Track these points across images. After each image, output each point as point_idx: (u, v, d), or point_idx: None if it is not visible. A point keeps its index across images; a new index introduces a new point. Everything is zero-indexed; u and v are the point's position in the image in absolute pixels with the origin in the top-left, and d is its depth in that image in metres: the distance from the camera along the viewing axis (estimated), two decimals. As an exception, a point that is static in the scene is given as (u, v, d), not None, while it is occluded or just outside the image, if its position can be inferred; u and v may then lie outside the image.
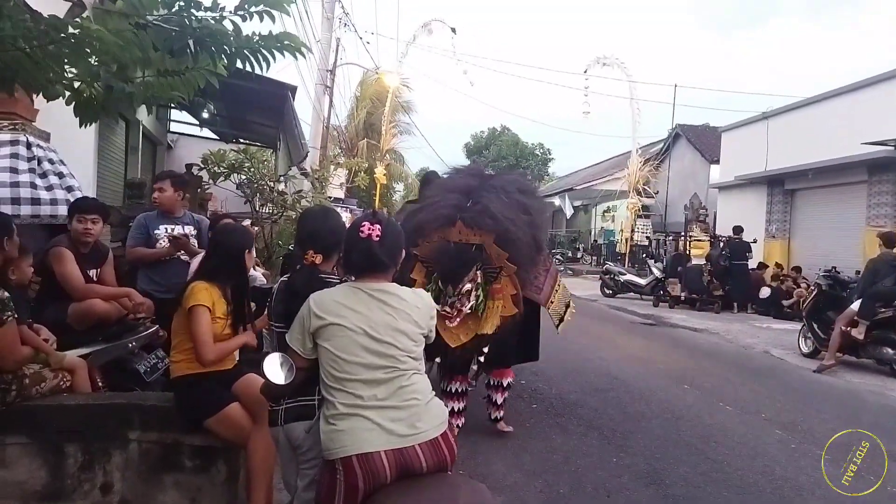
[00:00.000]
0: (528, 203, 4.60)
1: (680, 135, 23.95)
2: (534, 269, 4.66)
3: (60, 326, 3.55)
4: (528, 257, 4.46)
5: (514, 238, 4.32)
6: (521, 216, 4.41)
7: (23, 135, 4.42)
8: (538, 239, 4.65)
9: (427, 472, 2.06)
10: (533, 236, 4.49)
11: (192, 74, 2.53)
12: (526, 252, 4.40)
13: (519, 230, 4.34)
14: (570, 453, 4.52)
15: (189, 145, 13.66)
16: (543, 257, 4.94)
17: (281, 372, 2.13)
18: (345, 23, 16.89)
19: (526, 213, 4.48)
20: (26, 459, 2.99)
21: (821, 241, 14.78)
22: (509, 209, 4.37)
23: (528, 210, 4.52)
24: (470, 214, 4.35)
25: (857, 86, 13.57)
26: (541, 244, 4.77)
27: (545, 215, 5.05)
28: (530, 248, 4.45)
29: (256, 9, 2.52)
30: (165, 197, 4.51)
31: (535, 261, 4.63)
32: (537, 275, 4.74)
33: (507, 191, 4.52)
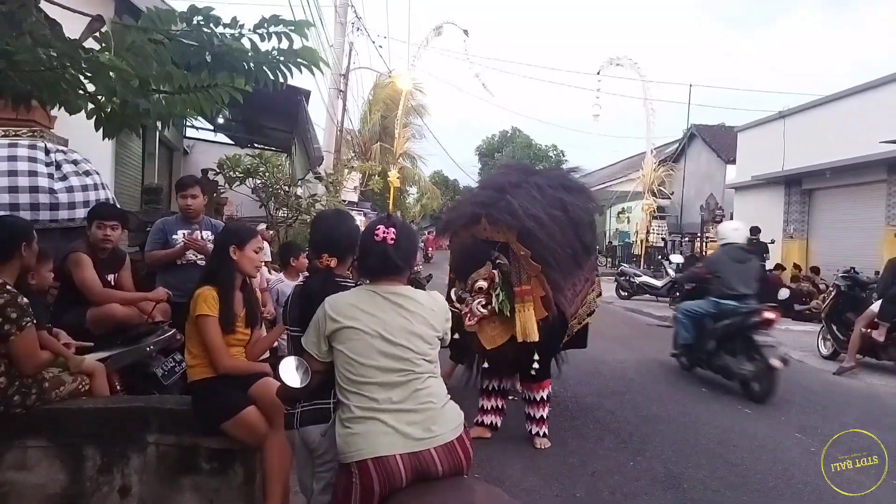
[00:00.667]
0: (569, 200, 4.38)
1: (695, 135, 23.80)
2: (574, 271, 4.40)
3: (79, 331, 3.59)
4: (560, 257, 4.20)
5: (539, 236, 4.11)
6: (555, 213, 4.23)
7: (41, 141, 4.48)
8: (580, 238, 4.40)
9: (443, 475, 2.05)
10: (573, 235, 4.29)
11: (215, 91, 2.54)
12: (554, 251, 4.16)
13: (545, 227, 4.13)
14: (587, 457, 4.49)
15: (205, 150, 13.78)
16: (590, 262, 4.72)
17: (297, 375, 2.14)
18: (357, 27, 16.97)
19: (563, 211, 4.28)
20: (46, 462, 3.03)
21: (839, 241, 14.60)
22: (538, 205, 4.19)
23: (566, 207, 4.31)
24: (494, 211, 4.22)
25: (875, 83, 13.39)
26: (585, 245, 4.51)
27: (590, 215, 4.68)
28: (563, 247, 4.21)
29: (276, 29, 2.54)
30: (198, 203, 4.56)
31: (574, 262, 4.37)
32: (577, 280, 4.49)
33: (541, 187, 4.34)
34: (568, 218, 4.29)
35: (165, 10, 2.59)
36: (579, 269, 4.46)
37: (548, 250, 4.14)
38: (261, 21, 2.58)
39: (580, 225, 4.40)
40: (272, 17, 2.60)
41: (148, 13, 2.57)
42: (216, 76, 2.55)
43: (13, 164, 4.24)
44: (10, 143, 4.33)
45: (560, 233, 4.20)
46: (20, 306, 2.77)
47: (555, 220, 4.21)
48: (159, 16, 2.53)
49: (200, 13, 2.54)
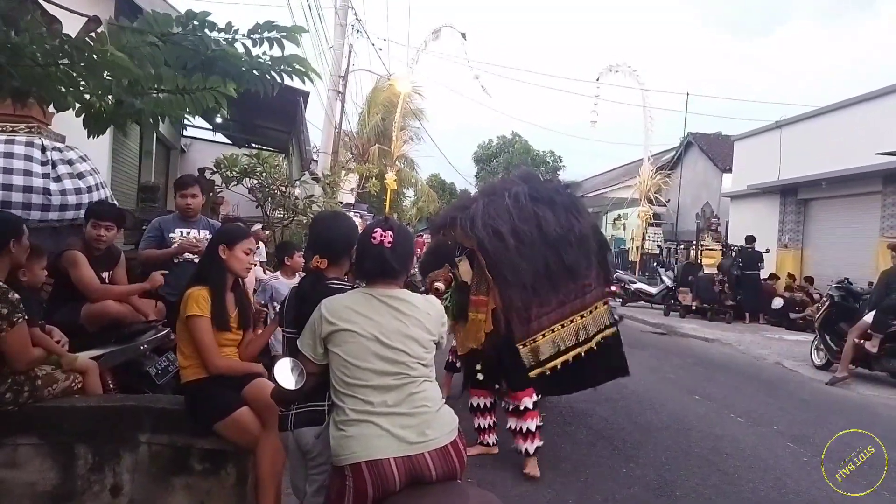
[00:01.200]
0: (545, 216, 4.12)
1: (692, 143, 23.87)
2: (545, 291, 4.11)
3: (73, 328, 3.57)
4: (522, 273, 3.96)
5: (489, 249, 3.95)
6: (523, 227, 4.02)
7: (38, 137, 4.47)
8: (560, 256, 4.10)
9: (436, 480, 2.05)
10: (548, 253, 4.05)
11: (201, 94, 2.56)
12: (514, 266, 3.95)
13: (504, 241, 3.94)
14: (579, 463, 4.49)
15: (202, 149, 13.77)
16: (573, 286, 4.25)
17: (292, 377, 2.13)
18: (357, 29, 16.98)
19: (536, 227, 4.07)
20: (37, 460, 3.01)
21: (834, 251, 14.66)
22: (503, 218, 4.01)
23: (539, 224, 4.08)
24: (465, 216, 4.13)
25: (871, 95, 13.47)
26: (567, 264, 4.13)
27: (575, 232, 4.20)
28: (531, 262, 3.99)
29: (269, 35, 2.55)
30: (198, 202, 4.55)
31: (547, 281, 4.09)
32: (544, 301, 4.12)
33: (519, 199, 4.15)
34: (541, 234, 4.06)
35: (163, 14, 2.61)
36: (554, 289, 4.12)
37: (503, 265, 3.95)
38: (255, 26, 2.60)
39: (560, 243, 4.11)
40: (266, 22, 2.61)
41: (146, 16, 2.58)
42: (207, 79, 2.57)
43: (9, 162, 4.22)
44: (6, 140, 4.32)
45: (527, 249, 3.99)
46: (11, 302, 2.76)
47: (519, 234, 3.99)
48: (156, 19, 2.55)
49: (197, 18, 2.56)
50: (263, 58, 2.64)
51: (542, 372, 4.09)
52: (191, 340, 2.94)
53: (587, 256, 4.26)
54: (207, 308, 2.93)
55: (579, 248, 4.20)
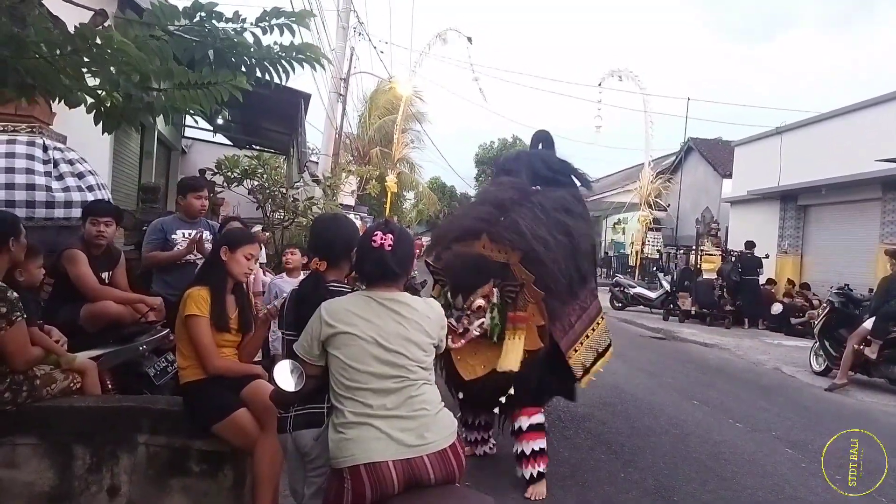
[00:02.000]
0: (572, 225, 4.10)
1: (692, 148, 23.90)
2: (570, 301, 4.09)
3: (72, 328, 3.57)
4: (561, 284, 3.90)
5: (545, 259, 3.81)
6: (559, 238, 3.95)
7: (39, 137, 4.47)
8: (580, 267, 4.14)
9: (435, 483, 2.05)
10: (573, 263, 4.03)
11: (215, 88, 2.55)
12: (558, 278, 3.86)
13: (551, 252, 3.85)
14: (578, 467, 4.49)
15: (203, 150, 13.78)
16: (586, 292, 4.32)
17: (291, 379, 2.13)
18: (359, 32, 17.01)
19: (566, 236, 4.02)
20: (35, 460, 3.01)
21: (833, 257, 14.66)
22: (544, 227, 3.92)
23: (569, 232, 4.04)
24: (497, 229, 3.93)
25: (871, 102, 13.50)
26: (584, 274, 4.24)
27: (589, 242, 4.34)
28: (565, 274, 3.93)
29: (277, 21, 2.55)
30: (207, 204, 4.65)
31: (571, 291, 4.08)
32: (572, 311, 4.12)
33: (545, 208, 4.07)
34: (571, 244, 4.02)
35: (169, 6, 2.60)
36: (574, 298, 4.13)
37: (551, 276, 3.82)
38: (262, 14, 2.60)
39: (579, 253, 4.12)
40: (273, 9, 2.62)
41: (152, 9, 2.58)
42: (217, 73, 2.56)
43: (10, 161, 4.23)
44: (8, 140, 4.32)
45: (563, 259, 3.93)
46: (10, 301, 2.76)
47: (559, 244, 3.94)
48: (163, 11, 2.54)
49: (203, 9, 2.55)
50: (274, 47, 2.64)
51: (590, 379, 4.24)
52: (190, 341, 2.94)
53: (593, 264, 4.41)
54: (207, 308, 2.93)
55: (589, 257, 4.32)
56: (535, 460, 3.85)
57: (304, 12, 2.69)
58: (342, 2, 15.01)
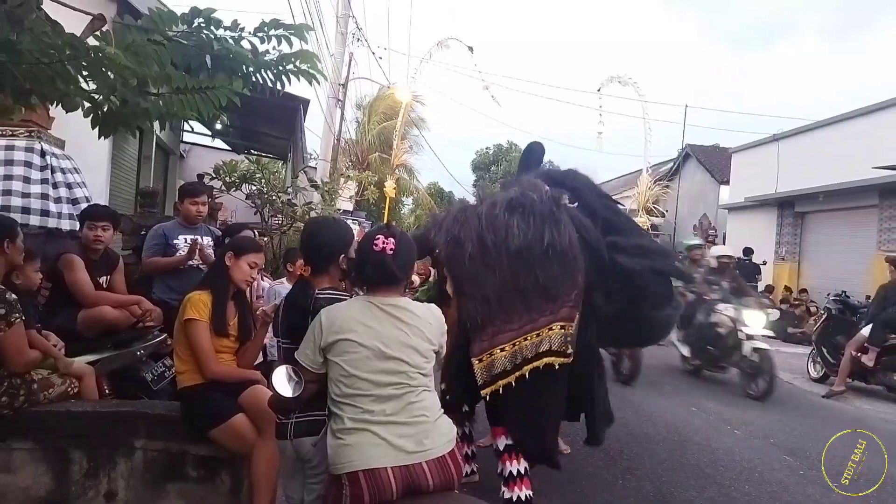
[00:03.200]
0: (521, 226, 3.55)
1: (690, 155, 23.95)
2: (506, 305, 3.50)
3: (70, 333, 3.57)
4: (476, 284, 3.47)
5: (446, 256, 3.56)
6: (489, 236, 3.52)
7: (38, 142, 4.48)
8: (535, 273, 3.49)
9: (433, 490, 2.04)
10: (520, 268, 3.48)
11: (213, 93, 2.55)
12: (469, 277, 3.47)
13: (460, 249, 3.49)
14: (576, 474, 4.48)
15: (201, 155, 13.79)
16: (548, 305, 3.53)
17: (289, 385, 2.12)
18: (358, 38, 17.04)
19: (506, 237, 3.51)
20: (32, 465, 3.00)
21: (831, 264, 14.69)
22: (470, 225, 3.57)
23: (508, 234, 3.52)
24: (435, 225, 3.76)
25: (869, 109, 13.54)
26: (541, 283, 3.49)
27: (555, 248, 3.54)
28: (491, 275, 3.46)
29: (276, 32, 2.56)
30: (206, 209, 4.66)
31: (502, 295, 3.50)
32: (511, 318, 3.52)
33: (495, 205, 3.67)
34: (507, 245, 3.51)
35: (167, 12, 2.61)
36: (526, 306, 3.50)
37: (460, 274, 3.51)
38: (261, 24, 2.60)
39: (533, 256, 3.51)
40: (272, 20, 2.62)
41: (150, 14, 2.58)
42: (214, 79, 2.57)
43: (9, 169, 4.27)
44: (6, 146, 4.33)
45: (493, 259, 3.49)
46: (8, 302, 2.75)
47: (484, 243, 3.51)
48: (161, 17, 2.55)
49: (201, 15, 2.56)
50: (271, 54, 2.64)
51: (494, 389, 3.42)
52: (188, 345, 2.93)
53: (569, 275, 3.55)
54: (207, 313, 2.92)
55: (560, 266, 3.53)
56: (518, 483, 3.51)
57: (302, 25, 2.69)
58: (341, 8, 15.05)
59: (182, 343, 2.97)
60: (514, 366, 3.44)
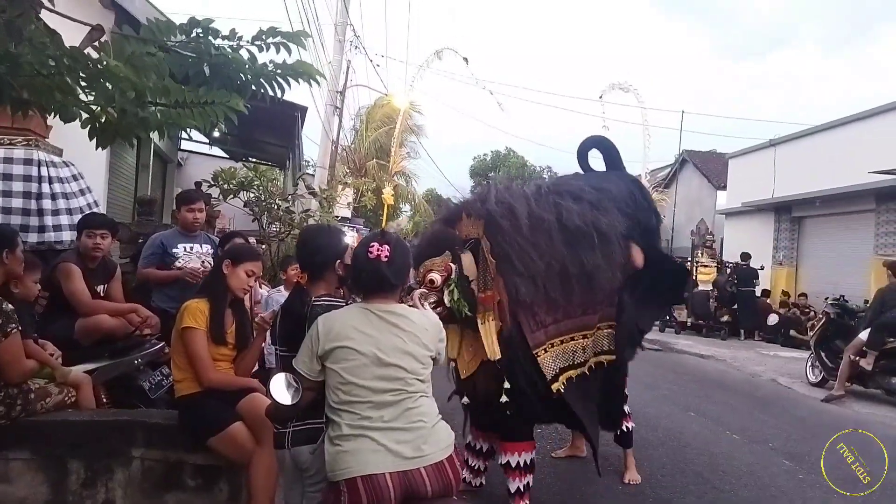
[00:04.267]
0: (568, 206, 3.52)
1: (687, 160, 24.03)
2: (558, 295, 3.46)
3: (67, 342, 3.56)
4: (533, 264, 3.35)
5: (502, 224, 3.34)
6: (541, 213, 3.43)
7: (36, 152, 4.47)
8: (578, 256, 3.46)
9: (432, 496, 2.04)
10: (565, 248, 3.43)
11: (211, 109, 2.56)
12: (524, 252, 3.33)
13: (517, 220, 3.34)
14: (575, 480, 4.47)
15: (199, 163, 13.81)
16: (586, 299, 3.62)
17: (287, 393, 2.12)
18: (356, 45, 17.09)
19: (556, 215, 3.47)
20: (28, 475, 2.99)
21: (828, 269, 14.72)
22: (518, 200, 3.45)
23: (559, 212, 3.48)
24: (470, 202, 3.61)
25: (865, 114, 13.61)
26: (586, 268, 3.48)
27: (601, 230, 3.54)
28: (543, 255, 3.37)
29: (273, 40, 2.56)
30: (203, 217, 4.62)
31: (561, 283, 3.46)
32: (553, 307, 3.51)
33: (540, 188, 3.65)
34: (560, 224, 3.43)
35: (165, 22, 2.62)
36: (567, 295, 3.46)
37: (512, 248, 3.34)
38: (258, 33, 2.61)
39: (581, 241, 3.44)
40: (269, 28, 2.63)
41: (148, 25, 2.59)
42: (213, 92, 2.57)
43: (7, 185, 4.28)
44: (5, 157, 4.33)
45: (542, 238, 3.39)
46: (5, 312, 2.75)
47: (535, 219, 3.40)
48: (159, 27, 2.55)
49: (200, 25, 2.57)
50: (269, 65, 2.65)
51: (560, 385, 3.45)
52: (185, 353, 2.93)
53: (610, 263, 3.56)
54: (204, 321, 2.92)
55: (603, 252, 3.51)
56: (524, 497, 3.58)
57: (300, 33, 2.70)
58: (339, 15, 15.09)
59: (179, 351, 2.97)
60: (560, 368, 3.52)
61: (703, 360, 10.70)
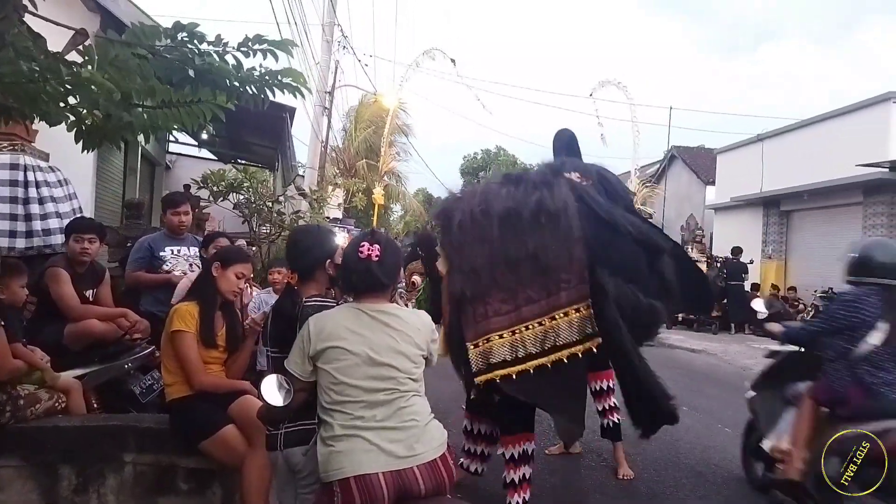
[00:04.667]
0: (508, 191, 3.46)
1: (675, 156, 24.13)
2: (501, 282, 3.35)
3: (56, 347, 3.53)
4: (462, 256, 3.30)
5: (446, 227, 3.37)
6: (476, 205, 3.39)
7: (22, 157, 4.44)
8: (518, 242, 3.35)
9: (425, 494, 2.04)
10: (504, 236, 3.33)
11: (197, 107, 2.54)
12: (456, 249, 3.31)
13: (448, 220, 3.35)
14: (569, 475, 4.49)
15: (187, 165, 13.73)
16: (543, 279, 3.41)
17: (279, 394, 2.11)
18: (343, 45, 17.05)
19: (491, 203, 3.40)
20: (19, 483, 2.97)
21: (817, 262, 14.81)
22: (466, 199, 3.49)
23: (494, 200, 3.42)
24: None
25: (852, 108, 13.71)
26: (528, 252, 3.34)
27: (545, 212, 3.37)
28: (479, 246, 3.32)
29: (260, 47, 2.56)
30: (189, 220, 4.59)
31: (493, 270, 3.34)
32: (507, 297, 3.38)
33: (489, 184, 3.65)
34: (498, 212, 3.35)
35: (150, 26, 2.60)
36: (520, 282, 3.35)
37: (452, 244, 3.35)
38: (244, 40, 2.60)
39: (520, 224, 3.34)
40: (255, 35, 2.62)
41: (133, 28, 2.57)
42: (199, 91, 2.56)
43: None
44: None
45: (478, 229, 3.32)
46: None
47: (471, 212, 3.36)
48: (144, 31, 2.54)
49: (185, 29, 2.55)
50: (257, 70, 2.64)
51: (490, 379, 3.31)
52: (176, 356, 2.91)
53: (563, 239, 3.37)
54: (194, 324, 2.91)
55: (553, 233, 3.35)
56: (520, 489, 3.56)
57: (286, 41, 2.70)
58: (326, 15, 15.05)
59: (170, 355, 2.95)
60: (515, 358, 3.32)
61: (695, 355, 10.75)
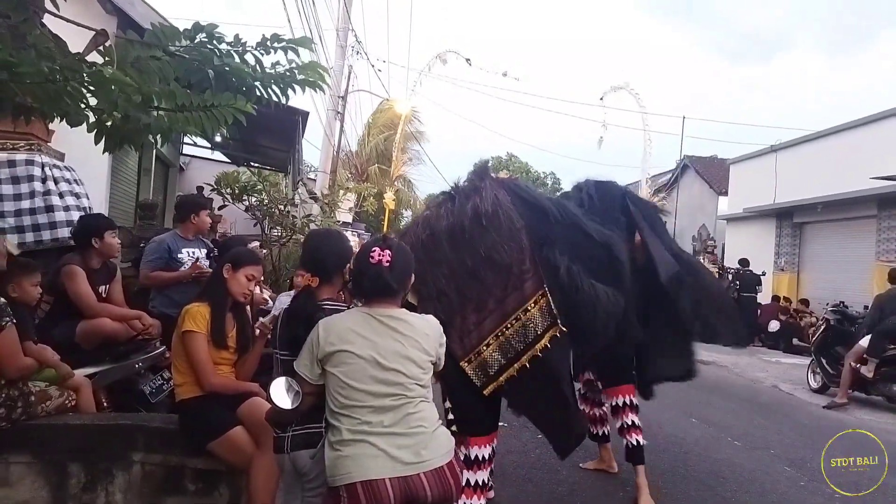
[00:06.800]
0: (443, 210, 3.52)
1: (688, 166, 24.04)
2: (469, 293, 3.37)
3: (68, 345, 3.56)
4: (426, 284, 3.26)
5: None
6: (421, 232, 3.47)
7: (38, 155, 4.48)
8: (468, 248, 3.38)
9: (432, 501, 2.03)
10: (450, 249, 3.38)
11: (218, 111, 2.55)
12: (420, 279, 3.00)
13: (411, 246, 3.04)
14: (576, 486, 4.46)
15: (201, 167, 13.83)
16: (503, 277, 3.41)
17: (287, 397, 2.12)
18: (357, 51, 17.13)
19: (433, 224, 3.48)
20: (29, 479, 2.99)
21: (830, 275, 14.70)
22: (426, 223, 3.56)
23: (435, 220, 3.50)
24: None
25: (866, 120, 13.61)
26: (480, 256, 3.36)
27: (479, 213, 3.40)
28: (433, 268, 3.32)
29: (278, 45, 2.57)
30: (207, 223, 4.76)
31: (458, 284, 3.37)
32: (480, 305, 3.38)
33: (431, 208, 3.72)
34: (444, 228, 3.43)
35: (169, 27, 2.63)
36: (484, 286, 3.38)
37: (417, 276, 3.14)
38: (262, 39, 2.62)
39: (460, 232, 3.39)
40: (273, 35, 2.64)
41: (153, 29, 2.60)
42: (218, 95, 2.57)
43: (17, 188, 4.31)
44: (8, 161, 4.34)
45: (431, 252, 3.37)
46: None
47: (421, 240, 3.41)
48: (164, 32, 2.56)
49: (204, 30, 2.57)
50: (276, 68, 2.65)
51: (498, 386, 3.34)
52: (186, 357, 2.93)
53: (511, 237, 3.41)
54: (205, 325, 2.92)
55: (496, 230, 3.39)
56: (484, 492, 3.46)
57: (304, 39, 2.71)
58: (340, 21, 15.14)
59: (180, 355, 2.97)
60: (509, 359, 3.34)
61: (705, 366, 10.63)
